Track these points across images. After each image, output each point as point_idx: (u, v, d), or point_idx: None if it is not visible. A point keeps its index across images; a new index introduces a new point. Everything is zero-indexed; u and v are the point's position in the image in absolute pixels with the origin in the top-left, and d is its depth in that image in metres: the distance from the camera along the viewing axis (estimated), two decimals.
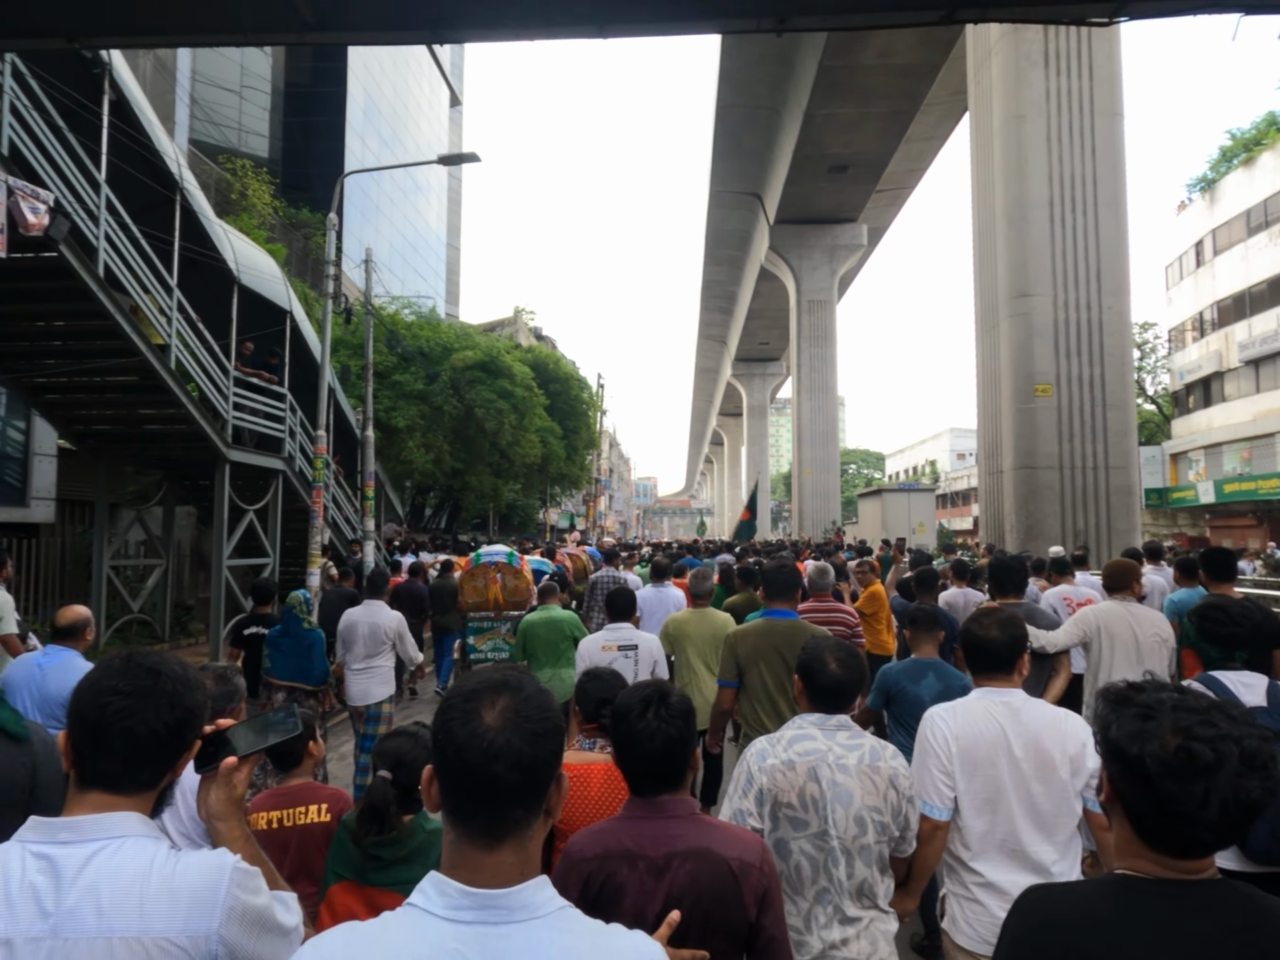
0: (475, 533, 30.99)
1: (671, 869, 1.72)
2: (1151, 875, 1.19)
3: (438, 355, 15.69)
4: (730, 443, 75.07)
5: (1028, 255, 11.39)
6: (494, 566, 10.94)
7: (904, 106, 23.84)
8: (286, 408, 10.77)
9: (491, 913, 1.01)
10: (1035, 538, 11.04)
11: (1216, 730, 1.15)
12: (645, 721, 1.83)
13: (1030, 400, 11.23)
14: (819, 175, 27.96)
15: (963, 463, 57.09)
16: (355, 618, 5.95)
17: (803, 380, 31.95)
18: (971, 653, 2.53)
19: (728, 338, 53.39)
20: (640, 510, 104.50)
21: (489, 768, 1.04)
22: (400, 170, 28.03)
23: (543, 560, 13.82)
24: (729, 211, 35.21)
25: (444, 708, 1.09)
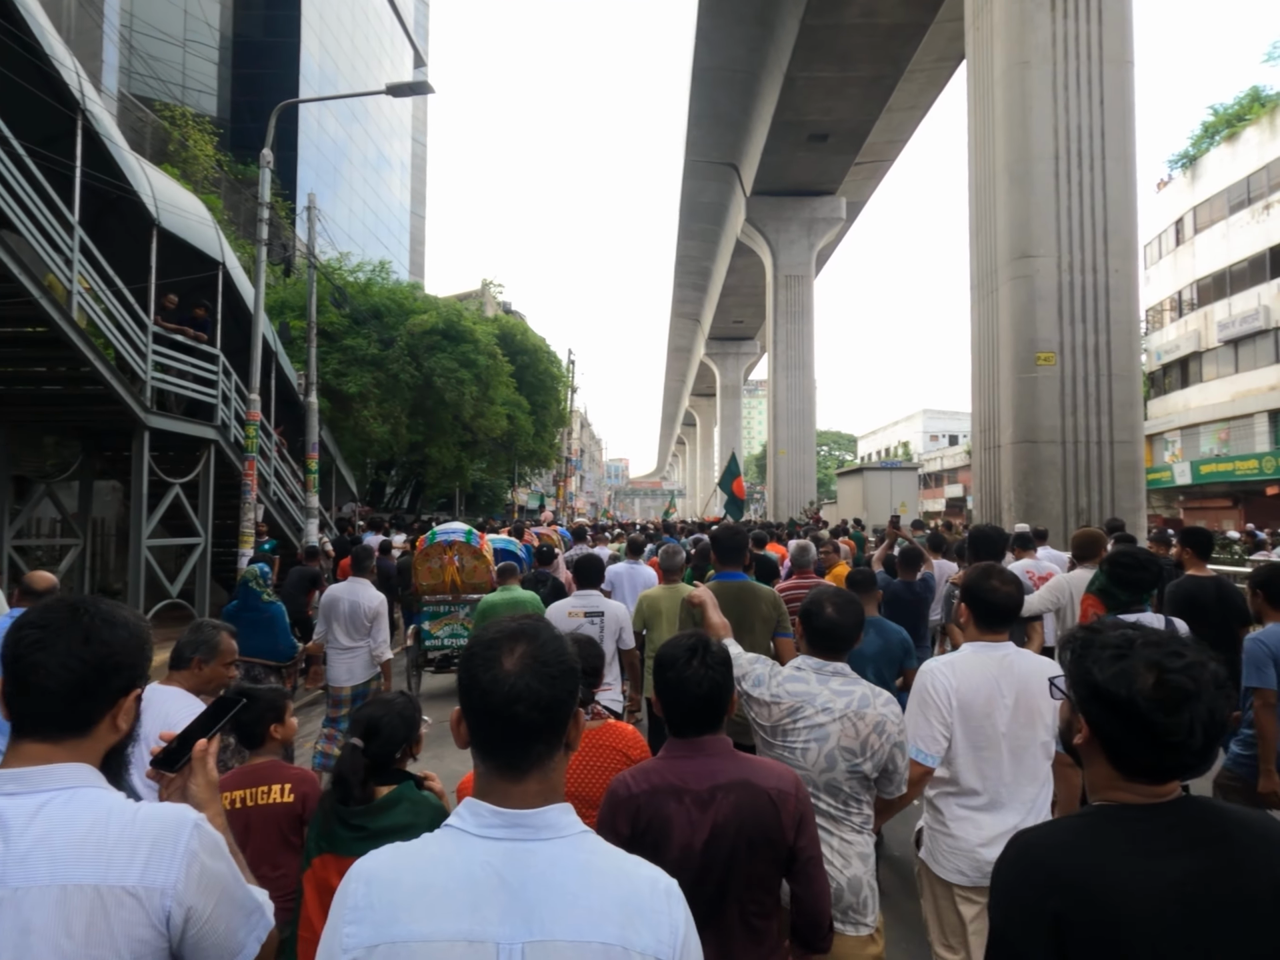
0: (440, 513, 29.87)
1: (716, 800, 1.81)
2: (1128, 803, 1.26)
3: (393, 318, 14.52)
4: (703, 423, 74.33)
5: (1031, 213, 10.58)
6: (450, 546, 10.00)
7: (887, 70, 22.94)
8: (219, 370, 9.66)
9: (519, 830, 1.12)
10: (1035, 516, 10.30)
11: (1185, 659, 1.23)
12: (692, 668, 1.92)
13: (1031, 369, 10.47)
14: (798, 144, 27.02)
15: (936, 444, 56.94)
16: (337, 594, 5.65)
17: (779, 357, 31.17)
18: (981, 608, 2.60)
19: (701, 315, 52.46)
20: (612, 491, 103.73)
21: (511, 709, 1.13)
22: (359, 130, 26.56)
23: (509, 539, 12.93)
24: (704, 183, 34.15)
25: (467, 655, 1.19)
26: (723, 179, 33.40)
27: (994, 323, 11.19)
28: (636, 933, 1.09)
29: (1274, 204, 25.37)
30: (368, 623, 5.57)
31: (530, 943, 1.06)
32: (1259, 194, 26.16)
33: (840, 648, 2.47)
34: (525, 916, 1.07)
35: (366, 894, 1.10)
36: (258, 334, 8.95)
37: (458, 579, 10.10)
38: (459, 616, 10.39)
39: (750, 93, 26.72)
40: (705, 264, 43.93)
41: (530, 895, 1.08)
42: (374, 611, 5.57)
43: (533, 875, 1.09)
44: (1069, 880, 1.20)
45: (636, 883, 1.14)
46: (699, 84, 27.06)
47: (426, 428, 15.16)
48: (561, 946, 1.06)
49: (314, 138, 22.70)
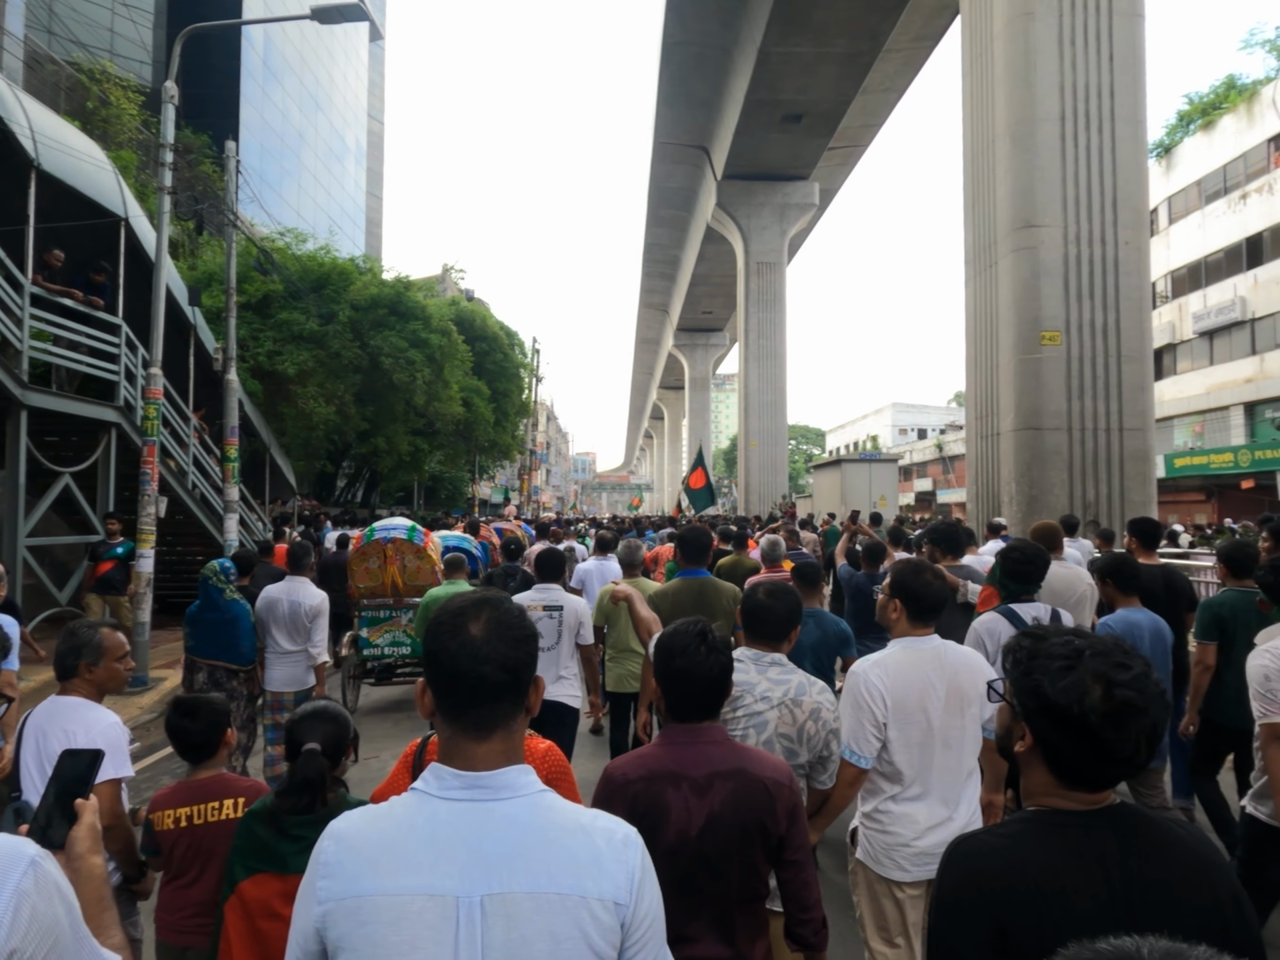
0: (400, 507, 28.50)
1: (713, 788, 1.83)
2: (1065, 809, 1.27)
3: (334, 288, 13.20)
4: (671, 416, 73.41)
5: (1035, 179, 9.68)
6: (390, 544, 8.86)
7: (864, 47, 22.05)
8: (121, 343, 8.37)
9: (479, 791, 1.17)
10: (1039, 510, 9.43)
11: (1132, 671, 1.24)
12: (699, 654, 1.93)
13: (1035, 350, 9.58)
14: (771, 125, 26.06)
15: (905, 438, 56.63)
16: (274, 595, 5.37)
17: (750, 347, 30.25)
18: (914, 603, 2.61)
19: (670, 306, 51.50)
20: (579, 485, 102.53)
21: (479, 670, 1.19)
22: (310, 103, 25.00)
23: (464, 536, 11.78)
24: (674, 166, 33.10)
25: (434, 624, 1.23)
26: (693, 162, 32.39)
27: (993, 299, 10.29)
28: (593, 880, 1.13)
29: (1251, 193, 25.00)
30: (308, 623, 5.32)
31: (489, 895, 1.10)
32: (1235, 183, 25.79)
33: (775, 634, 2.51)
34: (484, 871, 1.11)
35: (336, 851, 1.16)
36: (159, 288, 7.63)
37: (399, 580, 8.98)
38: (401, 622, 9.27)
39: (722, 70, 25.70)
40: (674, 252, 42.92)
41: (489, 851, 1.12)
42: (315, 610, 5.32)
43: (491, 833, 1.14)
44: (1008, 886, 1.21)
45: (593, 835, 1.17)
46: (669, 61, 25.98)
47: (376, 414, 13.87)
48: (519, 898, 1.10)
49: (258, 107, 21.15)
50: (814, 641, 4.13)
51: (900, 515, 12.81)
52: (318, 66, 26.38)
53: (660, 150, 31.79)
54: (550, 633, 4.58)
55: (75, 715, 2.49)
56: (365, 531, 9.13)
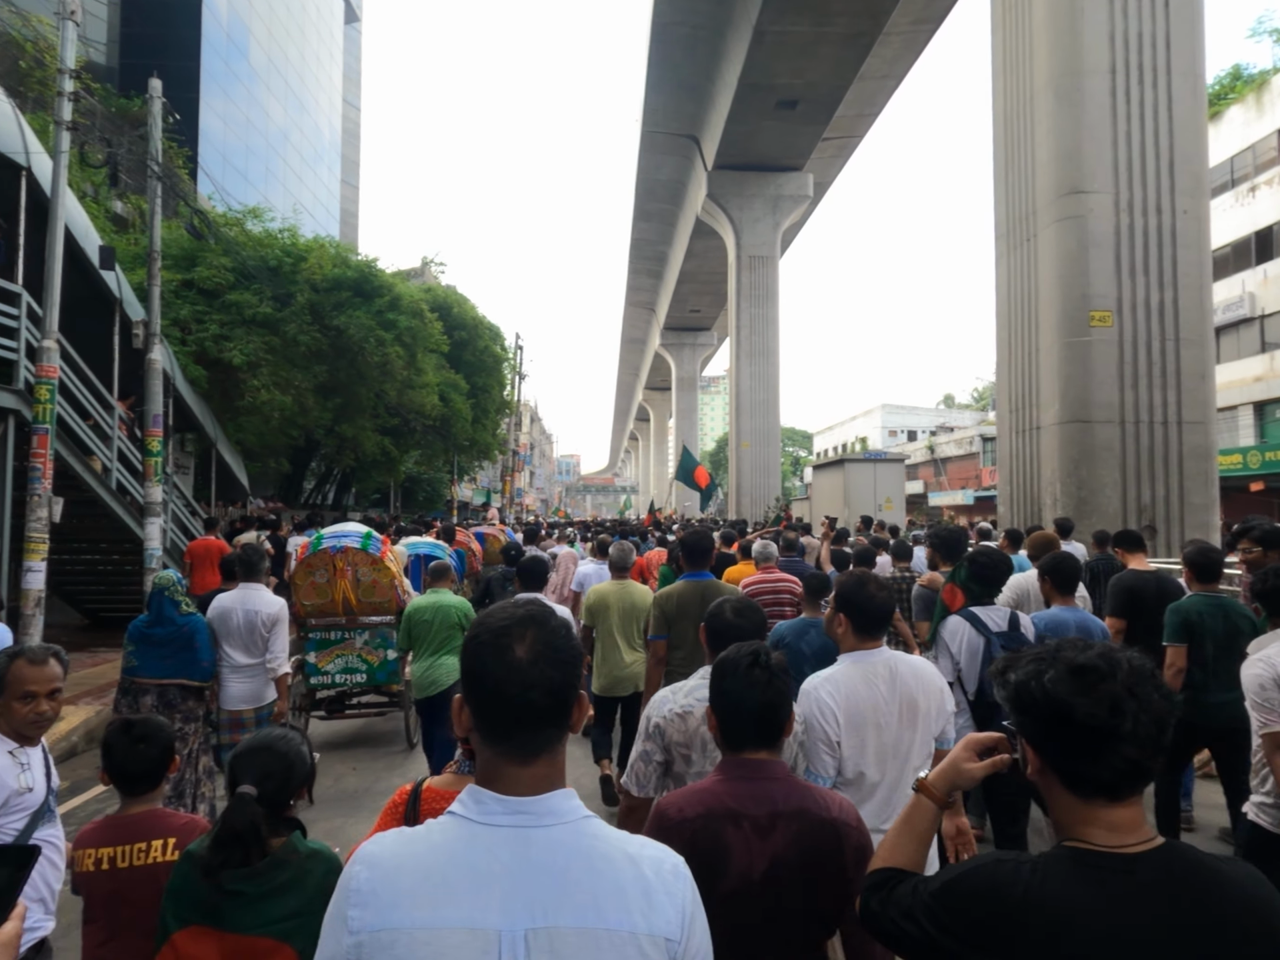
0: (375, 509, 27.11)
1: (777, 829, 1.72)
2: (1102, 847, 1.15)
3: (289, 269, 11.83)
4: (656, 418, 72.30)
5: (1082, 139, 8.56)
6: (340, 554, 7.58)
7: (865, 27, 20.98)
8: (21, 313, 7.02)
9: (521, 817, 1.10)
10: (1089, 514, 8.30)
11: (1095, 650, 1.19)
12: (754, 675, 1.83)
13: (1084, 332, 8.45)
14: (765, 111, 24.96)
15: (895, 440, 55.76)
16: (228, 606, 5.11)
17: (741, 344, 29.12)
18: (859, 616, 2.57)
19: (656, 304, 50.40)
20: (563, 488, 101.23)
21: (526, 695, 1.12)
22: (279, 81, 23.60)
23: (437, 544, 10.55)
24: (662, 157, 31.95)
25: (476, 642, 1.17)
26: (682, 153, 31.27)
27: (1031, 277, 9.15)
28: (643, 915, 1.08)
29: (1261, 186, 24.14)
30: (266, 633, 5.03)
31: (533, 929, 1.05)
32: (1244, 175, 24.94)
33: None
34: (528, 904, 1.06)
35: (370, 879, 1.09)
36: (55, 235, 6.24)
37: (351, 596, 7.70)
38: (355, 645, 7.99)
39: (715, 53, 24.56)
40: (661, 248, 41.79)
41: (532, 882, 1.07)
42: (273, 619, 5.05)
43: (535, 862, 1.08)
44: (1040, 933, 1.11)
45: (641, 865, 1.11)
46: (659, 43, 24.82)
47: (342, 406, 12.51)
48: (565, 933, 1.05)
49: (221, 82, 19.75)
50: (816, 650, 4.13)
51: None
52: (288, 44, 24.98)
53: (648, 140, 30.65)
54: None
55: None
56: (312, 540, 7.85)
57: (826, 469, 21.40)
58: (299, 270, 11.52)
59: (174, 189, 10.18)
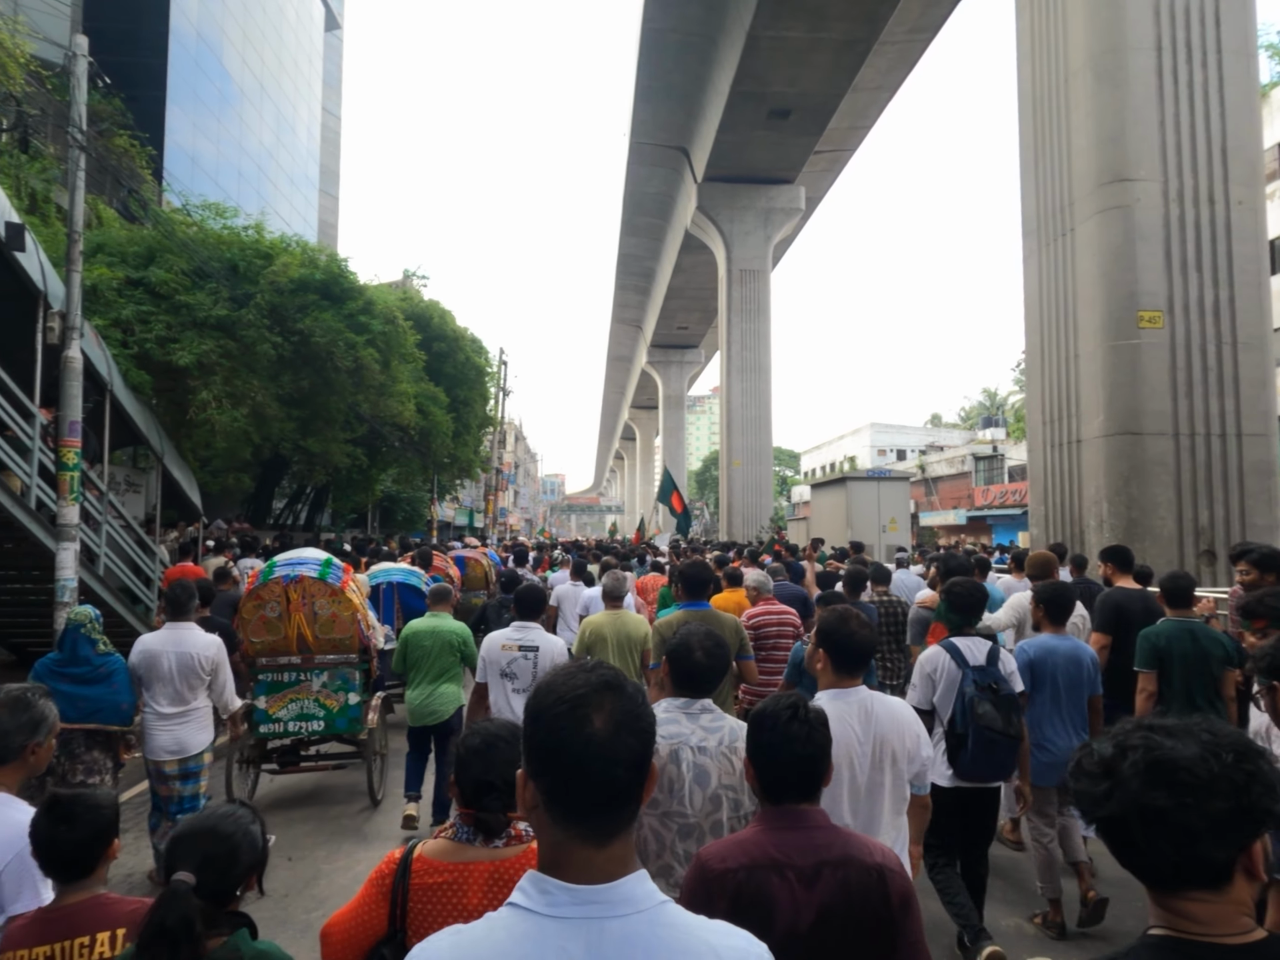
0: (352, 530, 25.94)
1: (822, 878, 1.70)
2: (1200, 937, 1.07)
3: (251, 269, 10.75)
4: (643, 436, 71.42)
5: (1126, 122, 7.76)
6: (295, 584, 6.56)
7: (862, 33, 20.39)
8: None
9: (594, 908, 1.01)
10: (1141, 537, 7.40)
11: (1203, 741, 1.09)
12: (793, 728, 1.82)
13: (1132, 334, 7.60)
14: (757, 121, 24.33)
15: (884, 459, 55.13)
16: (154, 647, 4.73)
17: (732, 359, 28.32)
18: (840, 653, 2.53)
19: (644, 321, 49.71)
20: (547, 507, 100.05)
21: (610, 772, 1.04)
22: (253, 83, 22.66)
23: (410, 570, 9.54)
24: (651, 170, 31.31)
25: (548, 712, 1.07)
26: (671, 165, 30.64)
27: (1067, 275, 8.30)
28: None
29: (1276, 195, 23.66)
30: (205, 675, 4.84)
31: None
32: (1274, 172, 24.45)
33: (706, 690, 2.48)
34: None
35: None
36: None
37: (308, 633, 6.70)
38: (311, 688, 6.98)
39: (706, 60, 23.94)
40: (649, 264, 41.12)
41: None
42: (214, 661, 4.86)
43: (609, 958, 0.99)
44: None
45: (724, 956, 1.05)
46: (648, 50, 24.17)
47: (308, 418, 11.43)
48: None
49: (190, 79, 18.79)
50: None
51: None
52: (264, 47, 24.06)
53: (637, 151, 30.00)
54: (525, 675, 4.42)
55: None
56: (263, 568, 6.82)
57: (826, 488, 20.50)
58: (262, 274, 10.48)
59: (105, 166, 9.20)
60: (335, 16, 31.88)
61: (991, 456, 40.59)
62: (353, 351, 10.67)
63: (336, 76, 33.82)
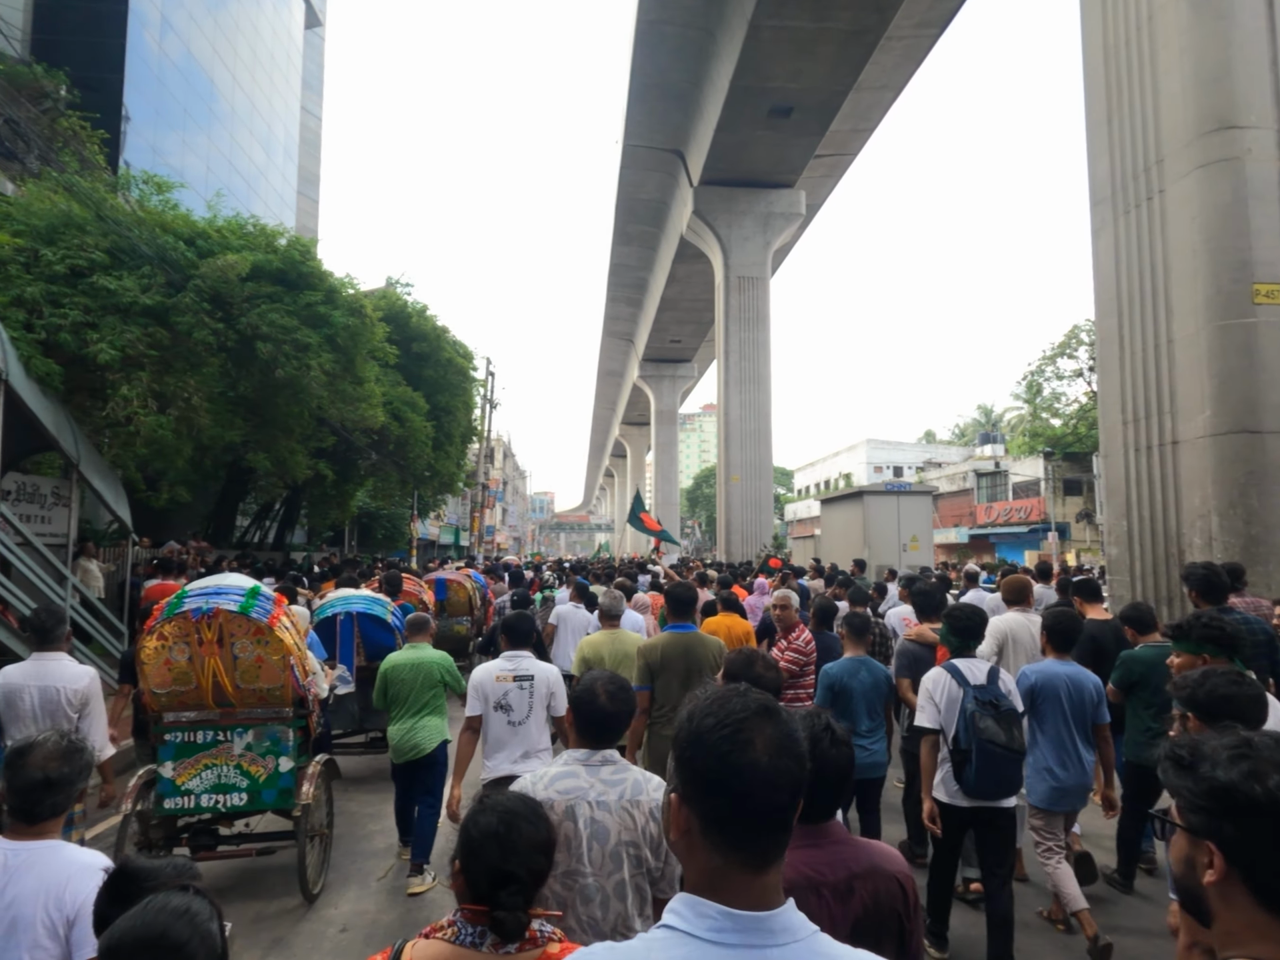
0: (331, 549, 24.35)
1: (855, 891, 1.73)
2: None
3: (186, 262, 9.17)
4: (634, 453, 70.12)
5: (1232, 59, 6.48)
6: (206, 620, 5.11)
7: (870, 22, 19.30)
8: None
9: (756, 935, 1.00)
10: (1264, 558, 6.05)
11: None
12: (826, 749, 1.86)
13: (1245, 311, 6.27)
14: (757, 120, 23.23)
15: (880, 475, 53.95)
16: (16, 681, 4.22)
17: (730, 370, 27.05)
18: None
19: (635, 335, 48.60)
20: (536, 526, 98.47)
21: (774, 798, 1.04)
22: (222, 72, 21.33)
23: (374, 598, 8.16)
24: (645, 174, 30.19)
25: (713, 740, 1.06)
26: (666, 170, 29.54)
27: (1155, 247, 6.98)
28: None
29: None
30: (73, 712, 4.24)
31: None
32: None
33: (611, 737, 2.41)
34: None
35: None
36: None
37: (226, 681, 5.25)
38: (232, 750, 5.52)
39: (705, 54, 22.84)
40: (642, 274, 39.99)
41: None
42: (83, 695, 4.29)
43: None
44: None
45: None
46: (643, 45, 23.05)
47: (258, 423, 9.93)
48: None
49: (152, 63, 17.41)
50: (865, 689, 4.53)
51: (946, 561, 9.38)
52: (237, 37, 22.72)
53: (630, 155, 28.88)
54: (520, 705, 4.21)
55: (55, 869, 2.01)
56: (168, 601, 5.37)
57: (839, 503, 19.06)
58: (205, 262, 8.91)
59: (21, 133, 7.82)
60: (316, 14, 30.64)
61: (994, 473, 39.44)
62: (302, 356, 9.13)
63: (318, 76, 32.53)
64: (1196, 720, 2.44)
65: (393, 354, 12.64)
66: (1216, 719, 2.29)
